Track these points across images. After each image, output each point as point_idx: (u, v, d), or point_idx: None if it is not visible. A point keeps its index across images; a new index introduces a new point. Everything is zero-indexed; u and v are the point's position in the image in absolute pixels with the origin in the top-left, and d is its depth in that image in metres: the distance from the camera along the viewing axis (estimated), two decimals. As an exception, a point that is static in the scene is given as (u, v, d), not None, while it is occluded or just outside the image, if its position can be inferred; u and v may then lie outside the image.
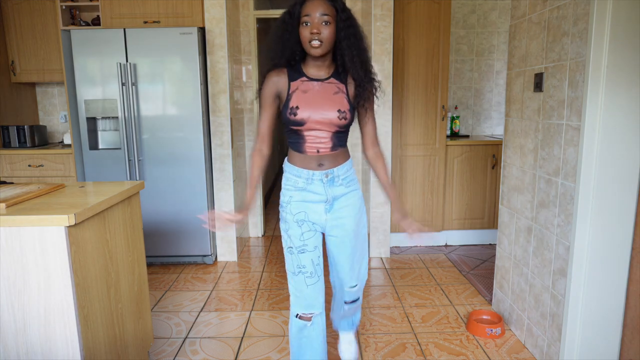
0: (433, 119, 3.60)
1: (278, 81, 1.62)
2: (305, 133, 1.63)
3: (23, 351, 1.48)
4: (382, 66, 3.35)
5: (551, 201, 2.01)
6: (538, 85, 2.09)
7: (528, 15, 2.18)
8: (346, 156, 1.73)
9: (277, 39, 1.61)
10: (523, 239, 2.28)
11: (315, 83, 1.62)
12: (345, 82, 1.64)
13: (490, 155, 3.70)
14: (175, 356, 2.22)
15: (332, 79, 1.64)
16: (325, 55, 1.59)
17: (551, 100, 1.99)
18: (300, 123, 1.60)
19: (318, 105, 1.60)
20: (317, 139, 1.63)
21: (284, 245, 1.75)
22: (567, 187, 1.88)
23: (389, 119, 3.41)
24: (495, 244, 2.64)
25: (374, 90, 1.65)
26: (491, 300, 2.74)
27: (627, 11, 1.64)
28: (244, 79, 3.97)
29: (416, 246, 3.83)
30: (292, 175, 1.70)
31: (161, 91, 3.23)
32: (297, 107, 1.59)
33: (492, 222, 3.79)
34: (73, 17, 3.50)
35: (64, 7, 3.38)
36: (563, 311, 1.92)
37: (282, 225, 1.74)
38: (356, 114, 1.70)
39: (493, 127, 4.25)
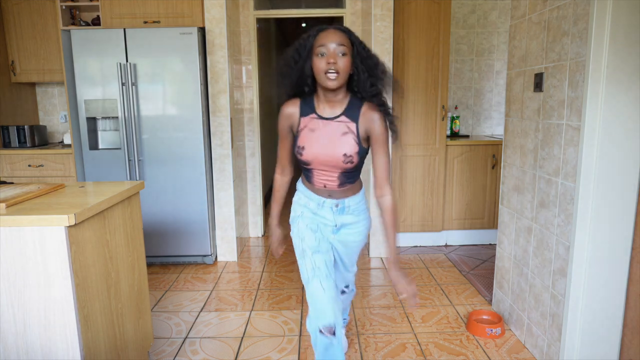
0: (433, 119, 3.60)
1: (290, 115, 1.63)
2: (314, 170, 1.65)
3: (23, 351, 1.48)
4: (382, 66, 3.35)
5: (551, 201, 2.01)
6: (538, 85, 2.09)
7: (528, 15, 2.18)
8: (357, 188, 1.73)
9: (288, 69, 1.58)
10: (523, 239, 2.28)
11: (324, 122, 1.59)
12: (356, 120, 1.57)
13: (490, 155, 3.70)
14: (175, 356, 2.22)
15: (342, 117, 1.58)
16: (339, 88, 1.54)
17: (551, 100, 1.99)
18: (306, 163, 1.63)
19: (324, 147, 1.58)
20: (325, 176, 1.64)
21: (297, 254, 1.74)
22: (567, 187, 1.88)
23: (389, 119, 3.41)
24: (495, 244, 2.64)
25: (389, 123, 1.58)
26: (491, 300, 2.74)
27: (627, 11, 1.64)
28: (244, 79, 3.97)
29: (416, 246, 3.83)
30: (305, 196, 1.73)
31: (161, 91, 3.23)
32: (303, 148, 1.59)
33: (492, 222, 3.79)
34: (73, 17, 3.50)
35: (64, 7, 3.38)
36: (563, 311, 1.92)
37: (294, 235, 1.75)
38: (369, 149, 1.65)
39: (493, 127, 4.25)
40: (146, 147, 3.28)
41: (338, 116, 1.58)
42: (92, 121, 3.31)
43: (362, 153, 1.60)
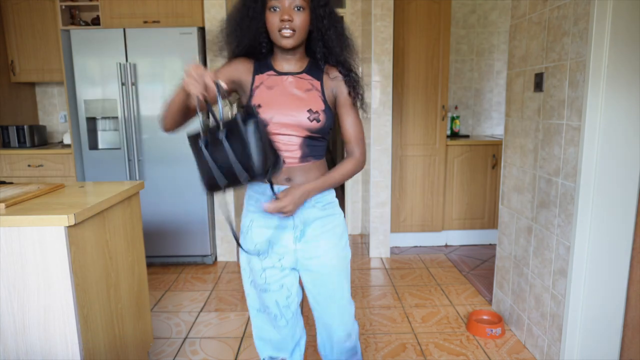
0: (433, 119, 3.60)
1: (241, 68, 1.35)
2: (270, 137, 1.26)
3: (23, 351, 1.48)
4: (382, 66, 3.35)
5: (551, 201, 2.00)
6: (538, 85, 2.09)
7: (528, 15, 2.18)
8: (323, 171, 1.38)
9: (235, 25, 1.33)
10: (523, 239, 2.28)
11: (283, 78, 1.34)
12: (321, 79, 1.36)
13: (490, 155, 3.69)
14: (175, 356, 2.22)
15: (304, 74, 1.36)
16: (297, 47, 1.32)
17: (551, 100, 1.99)
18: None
19: (284, 103, 1.31)
20: (283, 147, 1.31)
21: (243, 278, 1.45)
22: (568, 187, 1.88)
23: (389, 119, 3.41)
24: (495, 244, 2.64)
25: (356, 85, 1.37)
26: (491, 301, 2.74)
27: (628, 11, 1.64)
28: (244, 78, 3.96)
29: (416, 246, 3.83)
30: (254, 192, 1.38)
31: (161, 91, 3.22)
32: (259, 106, 1.29)
33: (492, 222, 3.79)
34: (73, 16, 3.50)
35: (63, 7, 3.37)
36: (563, 311, 1.92)
37: (241, 256, 1.44)
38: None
39: (493, 127, 4.25)
40: (146, 147, 3.28)
41: (300, 72, 1.36)
42: (91, 121, 3.31)
43: (329, 115, 1.34)
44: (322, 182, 1.33)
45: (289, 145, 1.31)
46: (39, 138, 3.77)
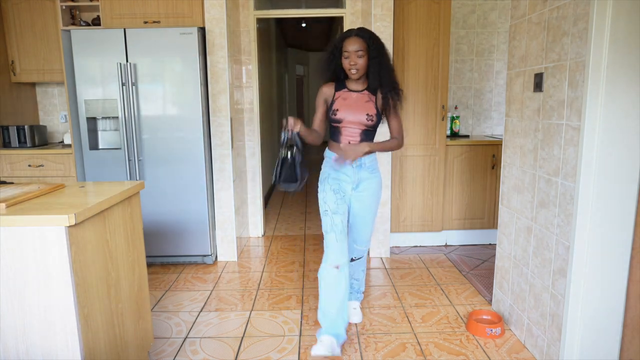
0: (433, 119, 3.60)
1: (327, 91, 2.28)
2: (342, 129, 2.23)
3: (23, 351, 1.48)
4: (382, 66, 3.35)
5: (551, 201, 2.01)
6: (538, 85, 2.09)
7: (528, 15, 2.19)
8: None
9: (325, 64, 2.26)
10: (523, 239, 2.28)
11: (352, 94, 2.24)
12: (375, 94, 2.23)
13: (490, 155, 3.70)
14: (175, 356, 2.22)
15: (365, 92, 2.24)
16: (360, 77, 2.21)
17: (551, 101, 1.99)
18: (339, 121, 2.22)
19: (352, 109, 2.20)
20: (350, 134, 2.23)
21: (320, 211, 2.28)
22: (567, 187, 1.88)
23: (389, 119, 3.41)
24: (495, 244, 2.64)
25: (399, 97, 2.21)
26: (491, 300, 2.74)
27: (627, 11, 1.64)
28: (244, 79, 3.97)
29: (416, 246, 3.84)
30: (329, 157, 2.30)
31: (161, 91, 3.23)
32: (337, 110, 2.21)
33: (492, 222, 3.79)
34: (73, 17, 3.50)
35: (64, 7, 3.38)
36: (563, 311, 1.92)
37: (320, 195, 2.28)
38: (383, 117, 2.27)
39: (493, 127, 4.25)
40: (146, 147, 3.28)
41: (362, 90, 2.24)
42: (92, 121, 3.31)
43: (379, 117, 2.23)
44: (374, 144, 2.23)
45: (354, 133, 2.23)
46: (40, 138, 3.78)
